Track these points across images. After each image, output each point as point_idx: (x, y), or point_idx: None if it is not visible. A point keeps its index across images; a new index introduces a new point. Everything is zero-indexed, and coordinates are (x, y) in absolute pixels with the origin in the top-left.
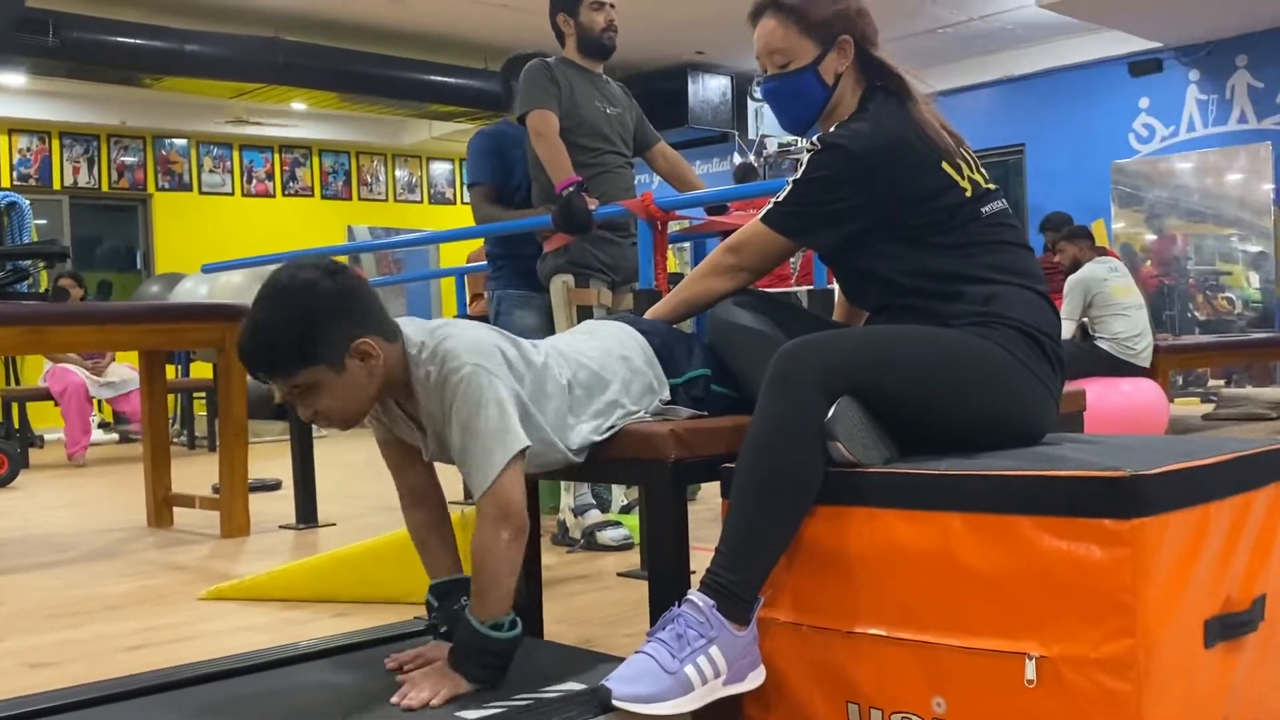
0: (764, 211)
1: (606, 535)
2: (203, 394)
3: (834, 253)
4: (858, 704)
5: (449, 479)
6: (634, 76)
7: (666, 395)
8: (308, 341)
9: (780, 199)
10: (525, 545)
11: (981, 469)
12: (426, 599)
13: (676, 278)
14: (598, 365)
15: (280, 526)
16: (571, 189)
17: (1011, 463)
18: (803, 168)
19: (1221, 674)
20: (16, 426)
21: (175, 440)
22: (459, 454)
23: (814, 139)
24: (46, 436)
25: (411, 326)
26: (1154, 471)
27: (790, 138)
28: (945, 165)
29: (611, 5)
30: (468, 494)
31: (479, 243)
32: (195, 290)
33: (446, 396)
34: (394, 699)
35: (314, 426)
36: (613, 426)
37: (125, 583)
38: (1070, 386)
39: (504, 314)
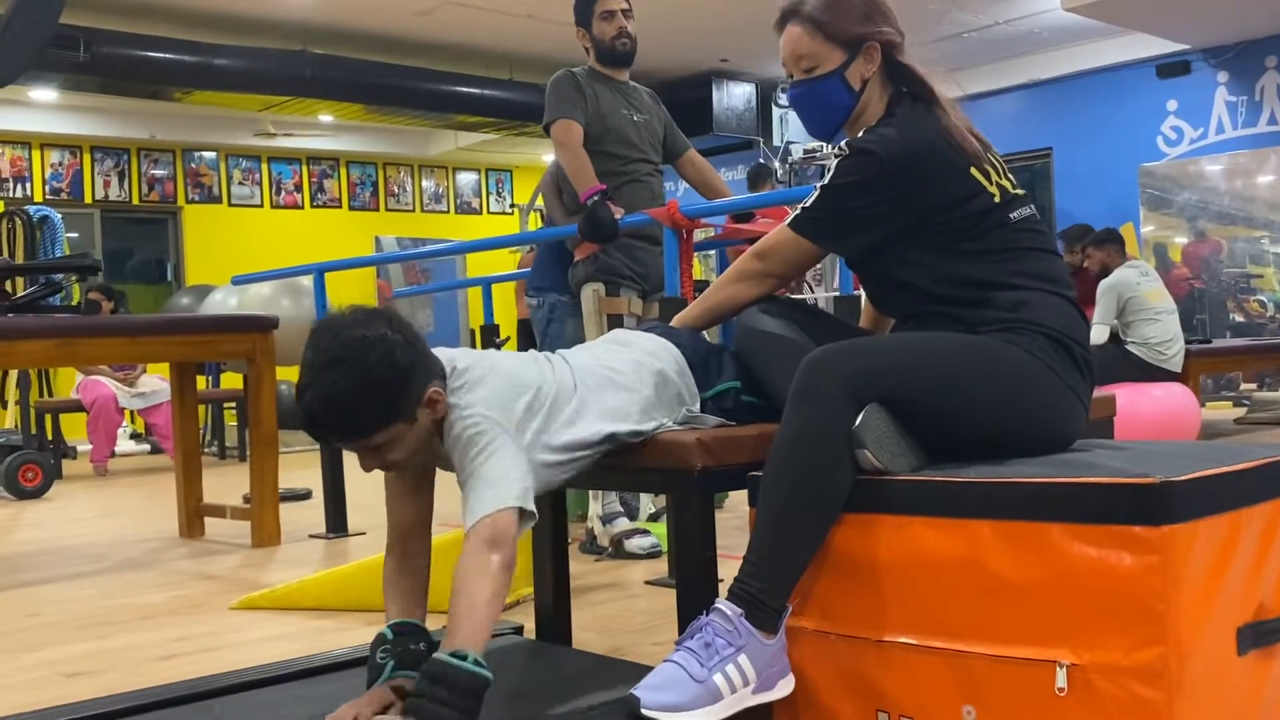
0: (791, 217)
1: (634, 543)
2: (233, 405)
3: (861, 259)
4: (887, 712)
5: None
6: (658, 84)
7: (696, 408)
8: (390, 406)
9: (808, 204)
10: (510, 580)
11: (1010, 476)
12: (381, 633)
13: (702, 285)
14: (625, 376)
15: (310, 536)
16: (596, 198)
17: (1041, 470)
18: (830, 173)
19: (1254, 682)
20: (50, 438)
21: (206, 451)
22: (462, 485)
23: (841, 144)
24: (79, 448)
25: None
26: (1184, 478)
27: (815, 143)
28: (973, 171)
29: (625, 13)
30: None
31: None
32: (225, 302)
33: (449, 444)
34: None
35: None
36: (638, 433)
37: (158, 593)
38: (1100, 392)
39: (557, 321)
